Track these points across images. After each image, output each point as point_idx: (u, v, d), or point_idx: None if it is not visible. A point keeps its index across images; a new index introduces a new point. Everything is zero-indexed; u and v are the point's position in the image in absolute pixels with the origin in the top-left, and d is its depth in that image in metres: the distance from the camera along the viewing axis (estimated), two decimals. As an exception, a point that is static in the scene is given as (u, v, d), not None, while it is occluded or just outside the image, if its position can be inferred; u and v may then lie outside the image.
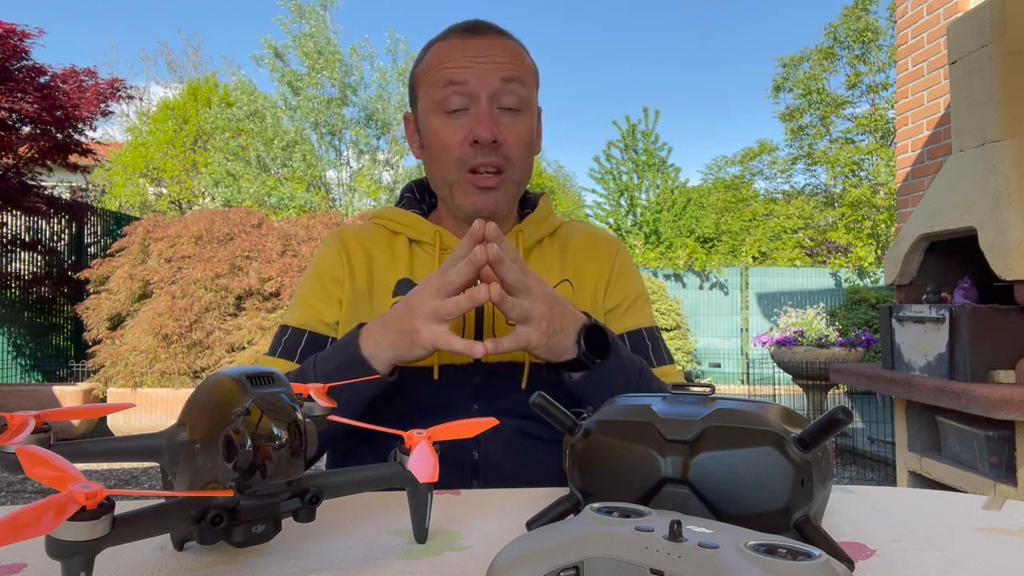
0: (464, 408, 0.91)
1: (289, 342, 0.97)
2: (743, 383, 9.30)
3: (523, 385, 0.92)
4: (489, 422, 0.59)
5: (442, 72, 0.93)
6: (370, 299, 0.97)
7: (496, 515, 0.64)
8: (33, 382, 6.82)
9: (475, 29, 0.96)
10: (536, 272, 0.99)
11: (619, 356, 0.85)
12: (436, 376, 0.91)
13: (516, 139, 0.94)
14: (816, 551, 0.37)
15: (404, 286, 0.96)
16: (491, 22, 0.98)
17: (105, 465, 4.49)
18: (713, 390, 0.58)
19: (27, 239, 7.03)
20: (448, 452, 0.86)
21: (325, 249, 1.03)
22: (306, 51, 11.51)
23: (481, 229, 0.76)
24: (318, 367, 0.85)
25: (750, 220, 15.03)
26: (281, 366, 0.94)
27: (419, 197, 1.08)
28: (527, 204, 1.08)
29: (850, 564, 0.47)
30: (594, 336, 0.83)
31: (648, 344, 1.01)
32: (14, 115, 6.07)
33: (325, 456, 1.02)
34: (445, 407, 0.90)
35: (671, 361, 1.03)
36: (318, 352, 0.89)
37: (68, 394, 5.51)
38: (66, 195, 7.85)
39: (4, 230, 6.80)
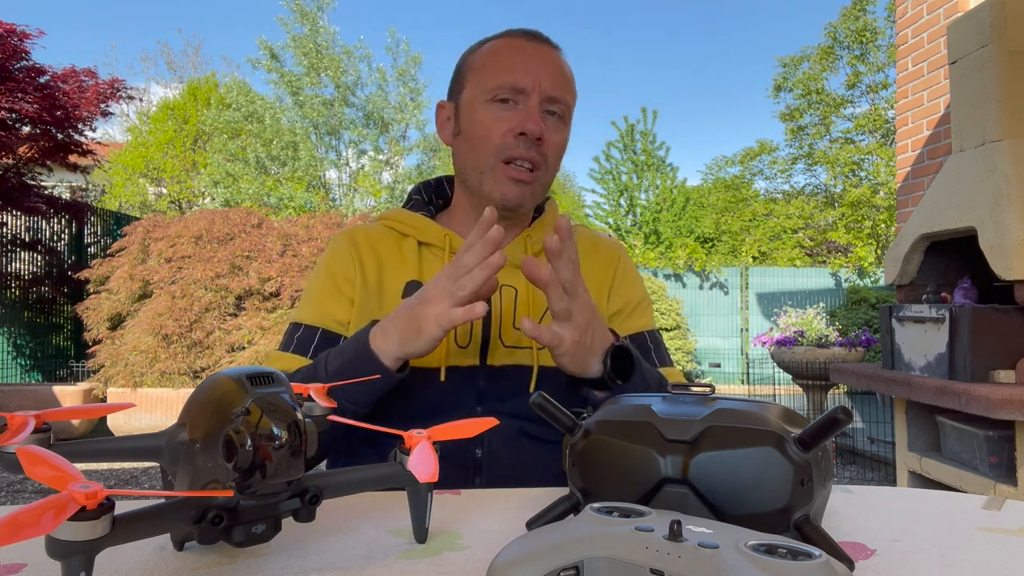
0: (468, 410, 0.91)
1: (302, 339, 0.97)
2: (743, 383, 9.29)
3: (531, 389, 0.92)
4: (489, 422, 0.60)
5: (500, 64, 0.95)
6: (380, 300, 0.97)
7: (496, 515, 0.64)
8: (33, 382, 6.82)
9: (536, 36, 0.99)
10: None
11: (643, 375, 0.86)
12: (443, 378, 0.91)
13: (555, 144, 0.96)
14: (816, 551, 0.37)
15: (413, 289, 0.96)
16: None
17: (105, 465, 4.49)
18: (713, 390, 0.58)
19: (27, 239, 7.02)
20: (450, 451, 0.85)
21: (336, 247, 1.03)
22: (305, 51, 11.50)
23: (491, 216, 0.77)
24: (330, 362, 0.85)
25: (750, 220, 15.02)
26: (294, 362, 0.94)
27: (427, 199, 1.08)
28: (535, 208, 1.08)
29: (850, 564, 0.47)
30: (620, 357, 0.83)
31: (651, 347, 1.03)
32: (14, 115, 6.07)
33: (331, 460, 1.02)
34: (449, 409, 0.90)
35: (671, 363, 1.04)
36: (331, 348, 0.89)
37: (68, 394, 5.51)
38: (66, 195, 7.85)
39: (4, 230, 6.79)
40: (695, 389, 0.57)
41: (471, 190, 1.00)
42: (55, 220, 7.30)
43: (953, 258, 3.22)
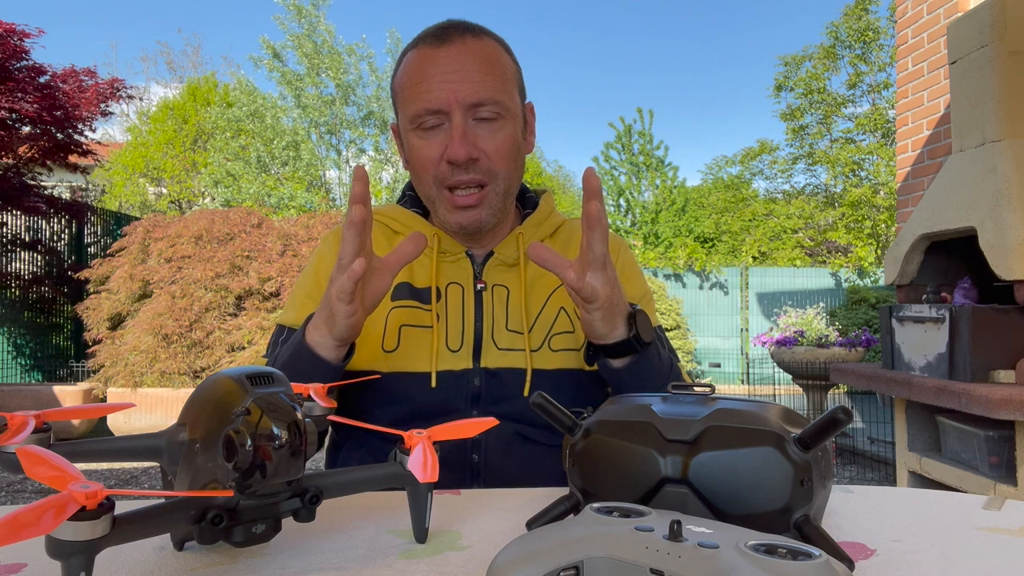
0: (463, 414, 0.90)
1: (285, 342, 0.96)
2: (743, 383, 9.29)
3: (526, 391, 0.91)
4: (489, 422, 0.59)
5: (414, 87, 0.89)
6: None
7: (496, 515, 0.64)
8: (33, 382, 6.82)
9: (444, 37, 0.90)
10: (537, 274, 0.98)
11: (657, 345, 0.86)
12: (434, 384, 0.90)
13: (496, 150, 0.90)
14: (816, 551, 0.37)
15: (402, 288, 0.95)
16: (464, 22, 0.93)
17: (105, 465, 4.49)
18: (713, 390, 0.58)
19: (27, 239, 7.02)
20: (448, 455, 0.85)
21: (324, 247, 1.01)
22: (305, 51, 11.50)
23: (361, 171, 0.74)
24: (279, 357, 0.86)
25: (750, 220, 15.01)
26: None
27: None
28: (528, 204, 1.06)
29: (850, 564, 0.47)
30: (639, 322, 0.82)
31: None
32: (14, 115, 6.07)
33: (325, 456, 1.02)
34: (443, 413, 0.89)
35: (677, 359, 1.03)
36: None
37: (68, 394, 5.51)
38: (66, 195, 7.85)
39: (4, 230, 6.79)
40: (695, 389, 0.57)
41: (432, 212, 0.99)
42: (55, 220, 7.30)
43: (953, 258, 3.22)
